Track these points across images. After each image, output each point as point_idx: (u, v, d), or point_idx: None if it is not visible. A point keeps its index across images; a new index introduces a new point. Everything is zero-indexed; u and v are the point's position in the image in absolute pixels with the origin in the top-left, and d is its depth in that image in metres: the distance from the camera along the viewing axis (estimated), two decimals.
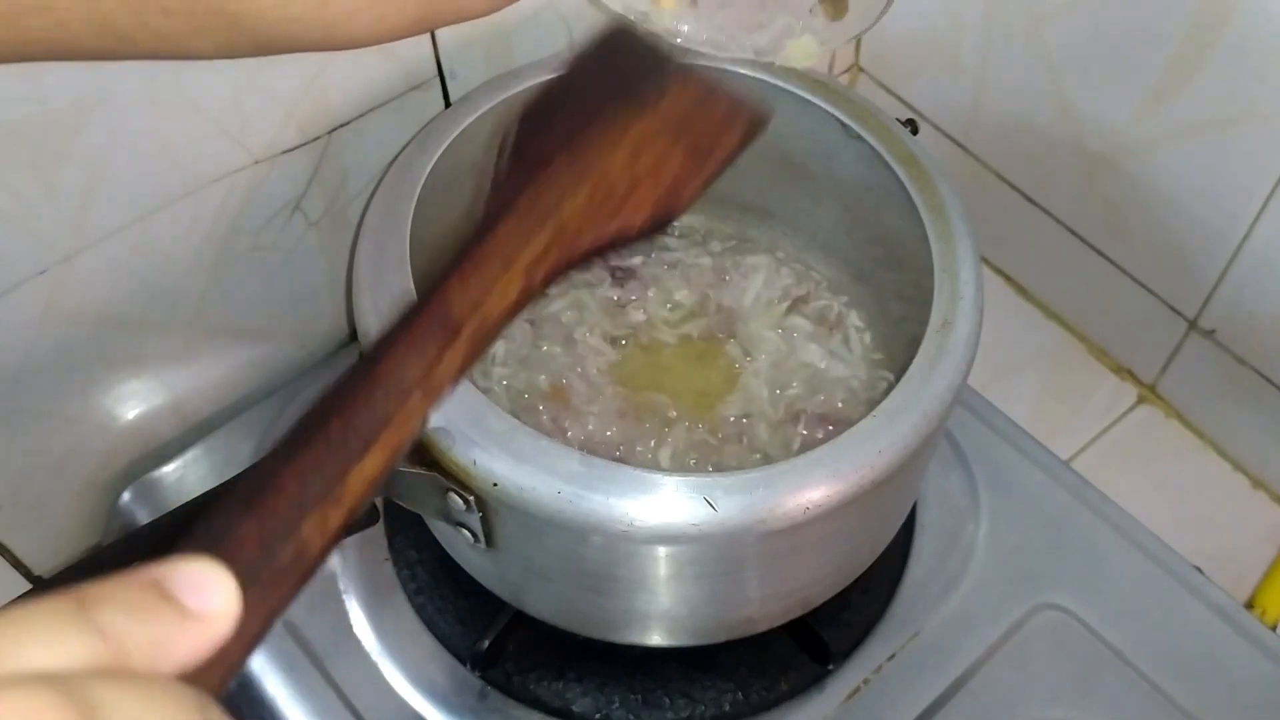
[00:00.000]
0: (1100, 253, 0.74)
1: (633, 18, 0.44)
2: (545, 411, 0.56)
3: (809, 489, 0.43)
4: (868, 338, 0.61)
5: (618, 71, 0.37)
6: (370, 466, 0.26)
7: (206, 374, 0.63)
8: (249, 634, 0.22)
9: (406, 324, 0.28)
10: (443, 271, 0.30)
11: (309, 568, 0.24)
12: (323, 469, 0.25)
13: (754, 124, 0.39)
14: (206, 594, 0.20)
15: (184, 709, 0.18)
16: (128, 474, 0.62)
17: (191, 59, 0.32)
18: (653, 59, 0.38)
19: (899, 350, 0.57)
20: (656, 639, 0.51)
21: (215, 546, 0.23)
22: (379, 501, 0.47)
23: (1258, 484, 0.74)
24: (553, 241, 0.31)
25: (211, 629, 0.20)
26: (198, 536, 0.23)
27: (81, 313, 0.54)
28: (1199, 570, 0.60)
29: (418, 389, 0.27)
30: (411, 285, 0.47)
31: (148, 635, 0.19)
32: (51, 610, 0.18)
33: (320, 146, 0.57)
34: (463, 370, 0.28)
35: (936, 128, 0.80)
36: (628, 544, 0.43)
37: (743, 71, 0.56)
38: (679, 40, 0.45)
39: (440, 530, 0.52)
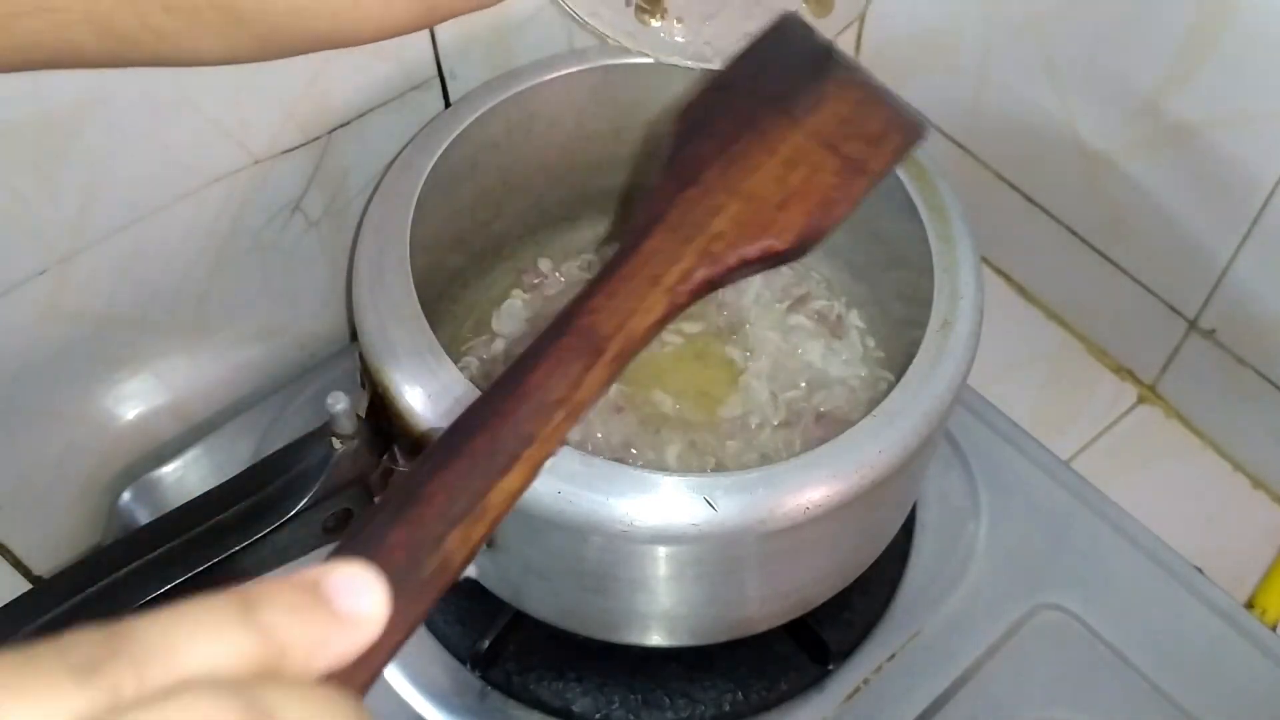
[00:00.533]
0: (1100, 253, 0.74)
1: (621, 37, 0.44)
2: None
3: (809, 489, 0.43)
4: (868, 338, 0.61)
5: (780, 70, 0.36)
6: (512, 483, 0.26)
7: (206, 374, 0.63)
8: (392, 641, 0.22)
9: (554, 338, 0.28)
10: (590, 284, 0.29)
11: (450, 579, 0.24)
12: (468, 484, 0.25)
13: (909, 138, 0.37)
14: (360, 597, 0.20)
15: (347, 713, 0.19)
16: (128, 474, 0.62)
17: (194, 63, 0.31)
18: (819, 58, 0.37)
19: (899, 350, 0.57)
20: (656, 639, 0.51)
21: (366, 553, 0.23)
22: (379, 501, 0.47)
23: (1258, 484, 0.74)
24: (699, 261, 0.31)
25: (362, 632, 0.20)
26: (349, 543, 0.23)
27: (81, 313, 0.54)
28: (1199, 570, 0.60)
29: (561, 408, 0.27)
30: (412, 285, 0.47)
31: (305, 636, 0.19)
32: (218, 609, 0.18)
33: (320, 146, 0.57)
34: (604, 389, 0.28)
35: (936, 128, 0.80)
36: (628, 544, 0.43)
37: None
38: (666, 57, 0.44)
39: None
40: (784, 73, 0.36)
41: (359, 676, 0.21)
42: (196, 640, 0.18)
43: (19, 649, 0.18)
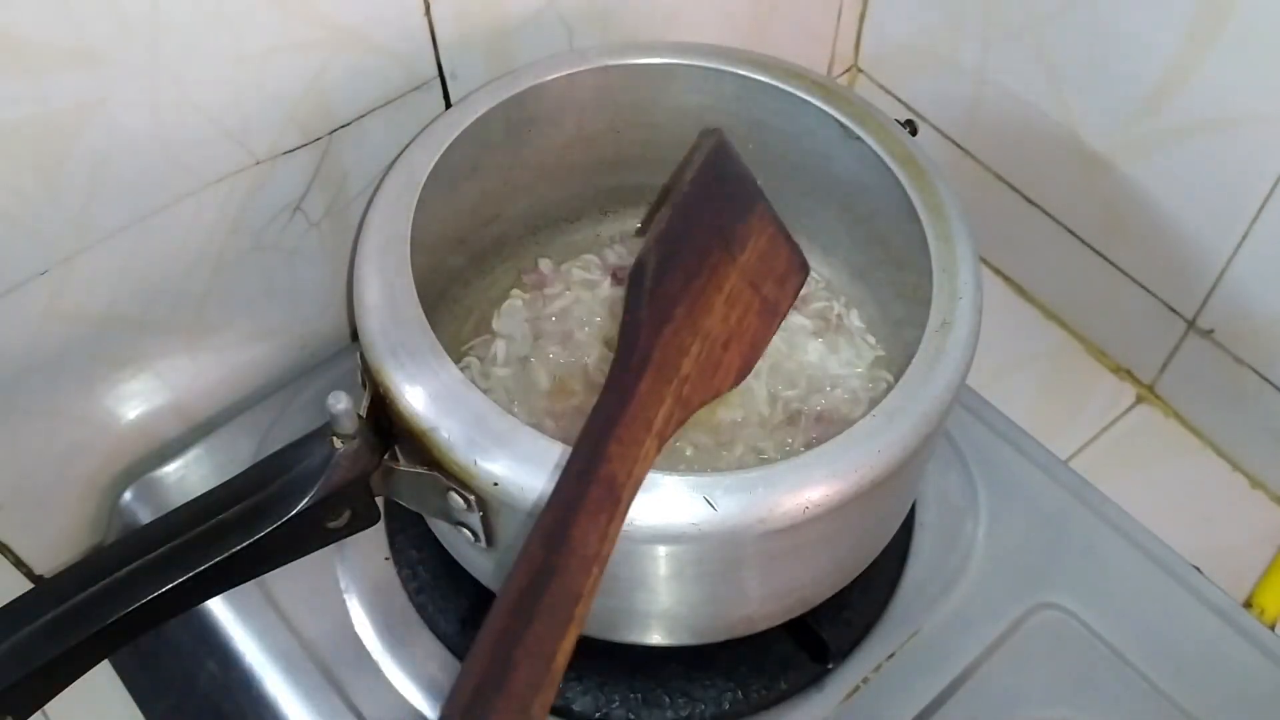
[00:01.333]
0: (1099, 253, 0.75)
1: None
2: (545, 411, 0.56)
3: (809, 489, 0.43)
4: (868, 338, 0.61)
5: (721, 199, 0.39)
6: (570, 643, 0.28)
7: (208, 374, 0.63)
8: None
9: (584, 487, 0.30)
10: (600, 429, 0.32)
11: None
12: (539, 647, 0.27)
13: (802, 277, 0.41)
14: None
15: None
16: (129, 473, 0.62)
17: None
18: (745, 190, 0.40)
19: (899, 350, 0.57)
20: (656, 638, 0.52)
21: None
22: (380, 501, 0.47)
23: (1256, 483, 0.74)
24: (675, 406, 0.34)
25: None
26: (469, 711, 0.25)
27: (83, 312, 0.54)
28: (1197, 569, 0.60)
29: (595, 563, 0.30)
30: (412, 285, 0.47)
31: None
32: None
33: (321, 147, 0.57)
34: (616, 538, 0.30)
35: (936, 128, 0.80)
36: (627, 543, 0.43)
37: (741, 72, 0.56)
38: None
39: (441, 530, 0.52)
40: (724, 203, 0.39)
41: None
42: None
43: None
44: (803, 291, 0.62)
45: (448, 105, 0.61)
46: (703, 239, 0.37)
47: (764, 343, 0.38)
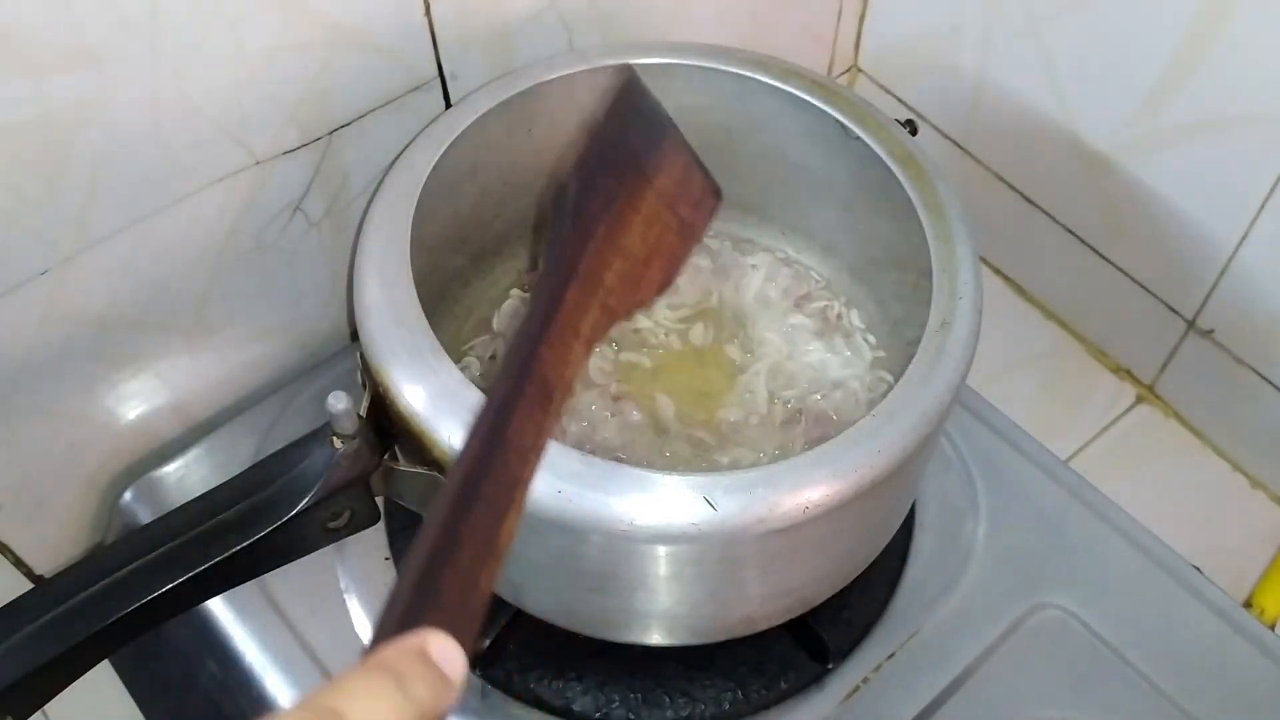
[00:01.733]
0: (1099, 253, 0.75)
1: None
2: None
3: (809, 489, 0.43)
4: (868, 338, 0.61)
5: (635, 129, 0.42)
6: (513, 521, 0.30)
7: (207, 374, 0.63)
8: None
9: (517, 387, 0.33)
10: (535, 329, 0.34)
11: (483, 614, 0.28)
12: (485, 527, 0.29)
13: (717, 204, 0.43)
14: (453, 664, 0.26)
15: None
16: (129, 473, 0.62)
17: None
18: (655, 120, 0.43)
19: (899, 350, 0.58)
20: (656, 638, 0.52)
21: (431, 602, 0.27)
22: (379, 501, 0.47)
23: (1256, 484, 0.74)
24: (601, 315, 0.36)
25: (454, 690, 0.26)
26: (414, 595, 0.27)
27: (83, 312, 0.54)
28: (1197, 569, 0.60)
29: (533, 453, 0.31)
30: (412, 285, 0.47)
31: (433, 699, 0.25)
32: (378, 682, 0.25)
33: (321, 147, 0.57)
34: (552, 431, 0.33)
35: (936, 128, 0.80)
36: (628, 543, 0.43)
37: (741, 72, 0.56)
38: None
39: None
40: (638, 132, 0.42)
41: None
42: (376, 704, 0.24)
43: None
44: (803, 291, 0.62)
45: (448, 105, 0.61)
46: (619, 165, 0.40)
47: (682, 259, 0.41)
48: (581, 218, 0.38)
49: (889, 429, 0.45)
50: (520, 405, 0.32)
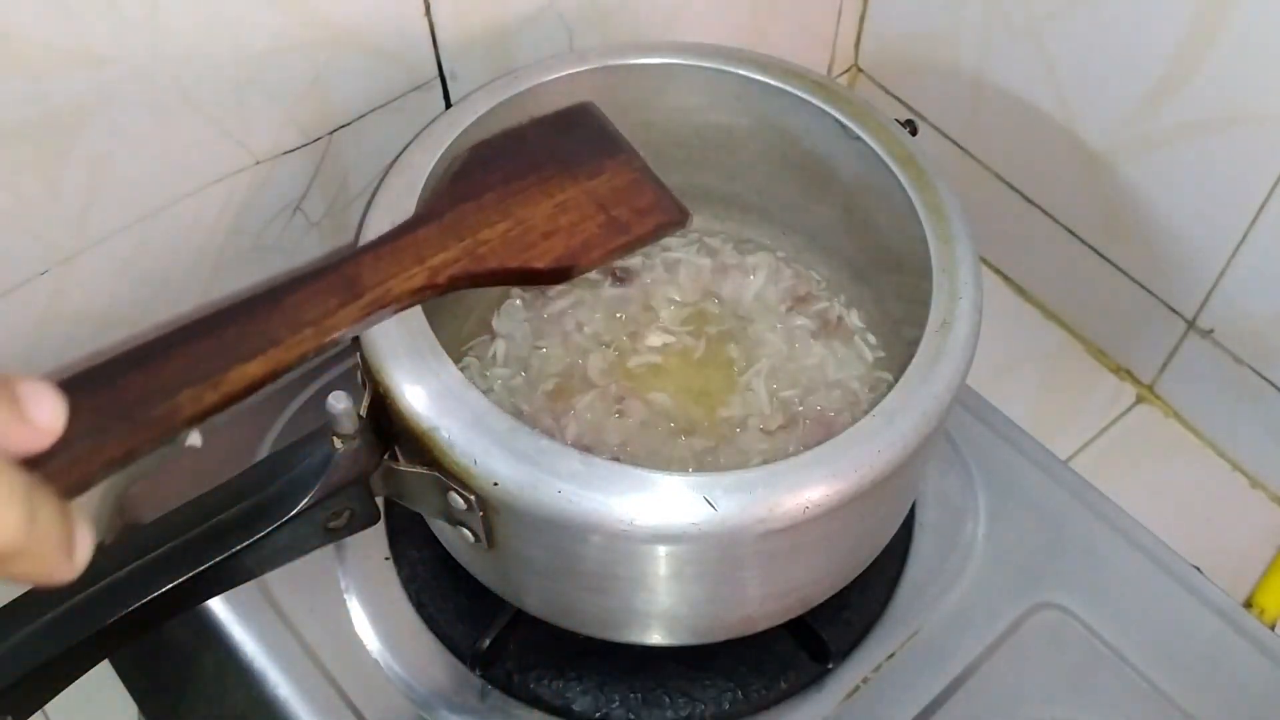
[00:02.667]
0: (1099, 253, 0.75)
1: None
2: (545, 411, 0.56)
3: (809, 488, 0.43)
4: (868, 338, 0.61)
5: (572, 140, 0.43)
6: (251, 370, 0.31)
7: None
8: (107, 457, 0.29)
9: (317, 276, 0.34)
10: (361, 248, 0.36)
11: (173, 426, 0.30)
12: (211, 359, 0.31)
13: (672, 218, 0.44)
14: (39, 406, 0.27)
15: (10, 481, 0.25)
16: (129, 473, 0.62)
17: None
18: (605, 141, 0.44)
19: (899, 350, 0.57)
20: (656, 638, 0.52)
21: (97, 383, 0.29)
22: (380, 501, 0.47)
23: (1256, 483, 0.74)
24: (462, 255, 0.37)
25: (39, 435, 0.27)
26: (92, 372, 0.29)
27: (83, 313, 0.54)
28: (1197, 570, 0.60)
29: (311, 326, 0.33)
30: None
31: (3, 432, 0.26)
32: None
33: (321, 147, 0.57)
34: (354, 325, 0.34)
35: (936, 128, 0.80)
36: (628, 543, 0.43)
37: (741, 72, 0.56)
38: None
39: (441, 530, 0.52)
40: (575, 143, 0.43)
41: (63, 478, 0.28)
42: None
43: None
44: (803, 291, 0.62)
45: (448, 105, 0.61)
46: (538, 157, 0.42)
47: (601, 248, 0.41)
48: (462, 185, 0.40)
49: (889, 429, 0.45)
50: (311, 286, 0.34)
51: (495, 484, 0.42)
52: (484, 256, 0.37)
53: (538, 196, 0.40)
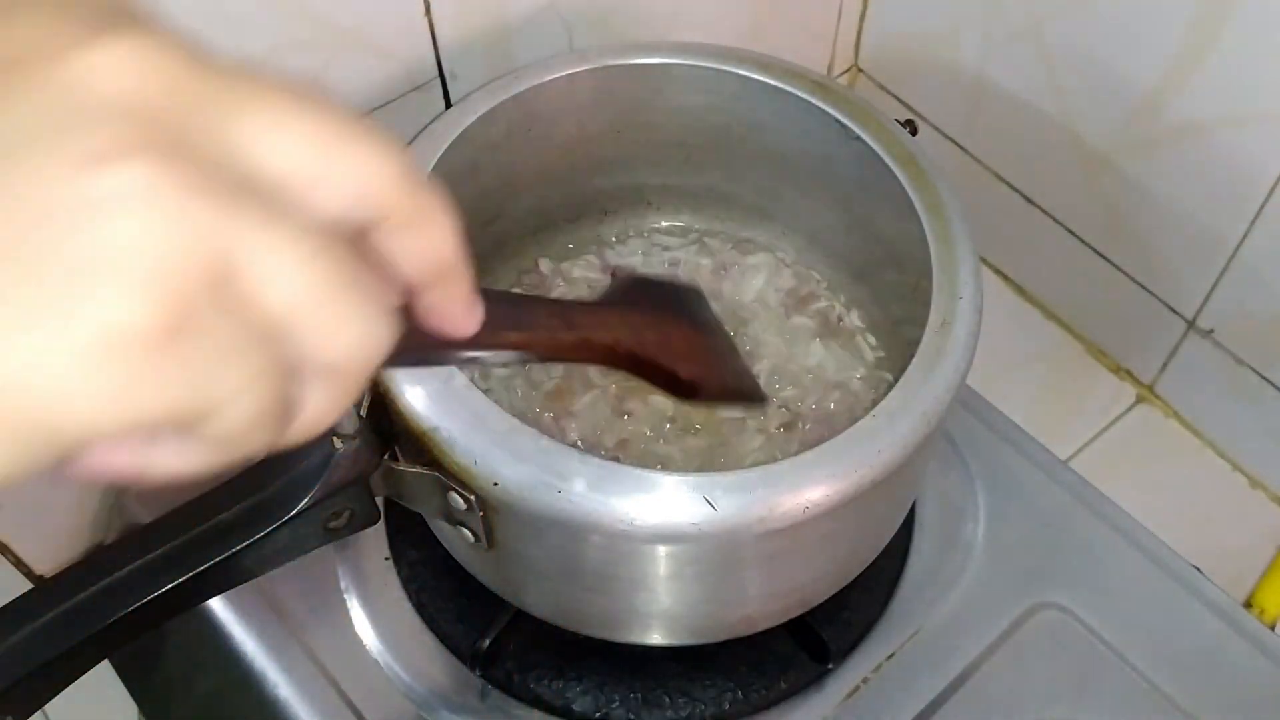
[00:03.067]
0: (1099, 253, 0.75)
1: None
2: (545, 411, 0.56)
3: (809, 488, 0.43)
4: (868, 338, 0.61)
5: (697, 306, 0.48)
6: (512, 338, 0.34)
7: None
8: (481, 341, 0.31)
9: (538, 300, 0.41)
10: (560, 300, 0.45)
11: (513, 344, 0.33)
12: (501, 321, 0.33)
13: (761, 399, 0.53)
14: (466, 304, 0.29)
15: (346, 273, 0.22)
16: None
17: None
18: (708, 320, 0.48)
19: (899, 350, 0.57)
20: (656, 638, 0.52)
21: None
22: (380, 501, 0.47)
23: (1256, 483, 0.74)
24: (632, 339, 0.40)
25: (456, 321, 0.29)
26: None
27: None
28: (1197, 569, 0.60)
29: (572, 332, 0.37)
30: None
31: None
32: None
33: None
34: (560, 354, 0.38)
35: (936, 128, 0.80)
36: (627, 543, 0.43)
37: (741, 72, 0.56)
38: None
39: (441, 530, 0.52)
40: (699, 308, 0.47)
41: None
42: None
43: None
44: (803, 291, 0.62)
45: (448, 105, 0.61)
46: (676, 306, 0.45)
47: (720, 387, 0.46)
48: (607, 300, 0.44)
49: (889, 429, 0.45)
50: (548, 304, 0.40)
51: (495, 484, 0.42)
52: (647, 346, 0.40)
53: (681, 327, 0.44)
